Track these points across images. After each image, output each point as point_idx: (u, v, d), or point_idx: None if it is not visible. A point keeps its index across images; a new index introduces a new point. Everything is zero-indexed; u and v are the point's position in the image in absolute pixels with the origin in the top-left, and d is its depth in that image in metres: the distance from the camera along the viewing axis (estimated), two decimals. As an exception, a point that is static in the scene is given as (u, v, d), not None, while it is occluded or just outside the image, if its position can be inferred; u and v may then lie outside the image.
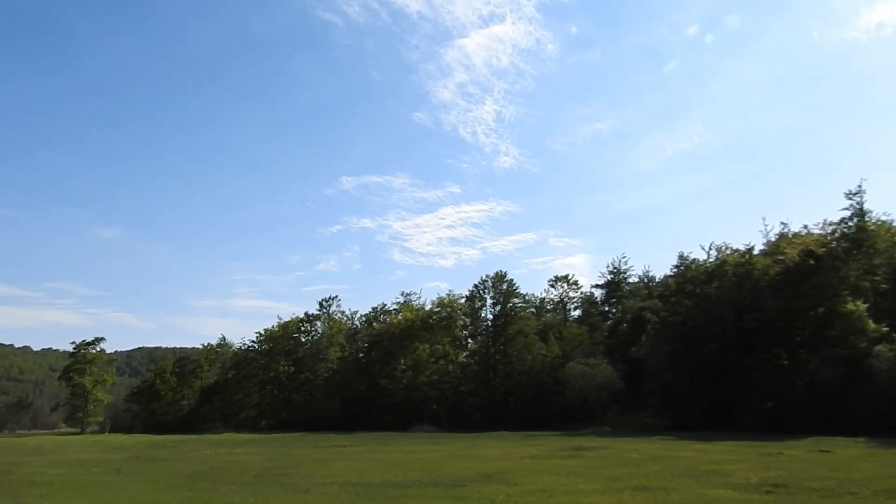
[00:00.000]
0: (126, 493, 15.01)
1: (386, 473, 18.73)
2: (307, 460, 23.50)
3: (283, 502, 12.56)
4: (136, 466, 22.50)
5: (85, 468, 22.53)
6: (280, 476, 18.82)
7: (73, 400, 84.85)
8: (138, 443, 42.59)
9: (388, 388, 75.33)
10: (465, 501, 12.04)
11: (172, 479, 18.63)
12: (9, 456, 29.72)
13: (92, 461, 26.33)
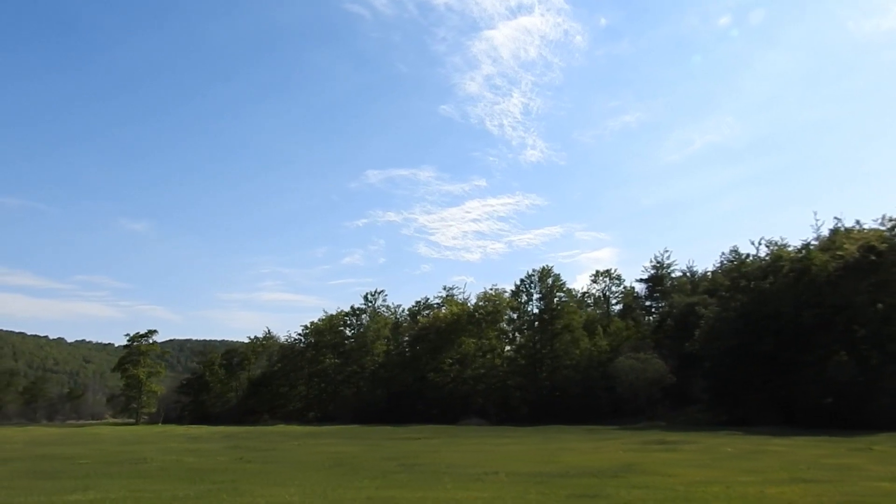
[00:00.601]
0: (310, 481, 15.91)
1: (522, 464, 19.47)
2: (417, 451, 24.50)
3: (470, 489, 13.42)
4: (258, 456, 23.69)
5: (207, 456, 23.80)
6: (423, 465, 19.59)
7: (128, 391, 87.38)
8: (212, 433, 44.10)
9: (435, 381, 76.54)
10: (651, 490, 12.86)
11: (324, 468, 19.38)
12: (109, 445, 31.19)
13: (199, 450, 27.66)
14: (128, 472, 18.57)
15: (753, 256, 63.62)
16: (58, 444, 30.69)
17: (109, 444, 31.90)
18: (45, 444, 31.39)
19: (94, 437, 35.84)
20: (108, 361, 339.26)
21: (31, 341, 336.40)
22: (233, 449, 28.28)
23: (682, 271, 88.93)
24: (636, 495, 12.31)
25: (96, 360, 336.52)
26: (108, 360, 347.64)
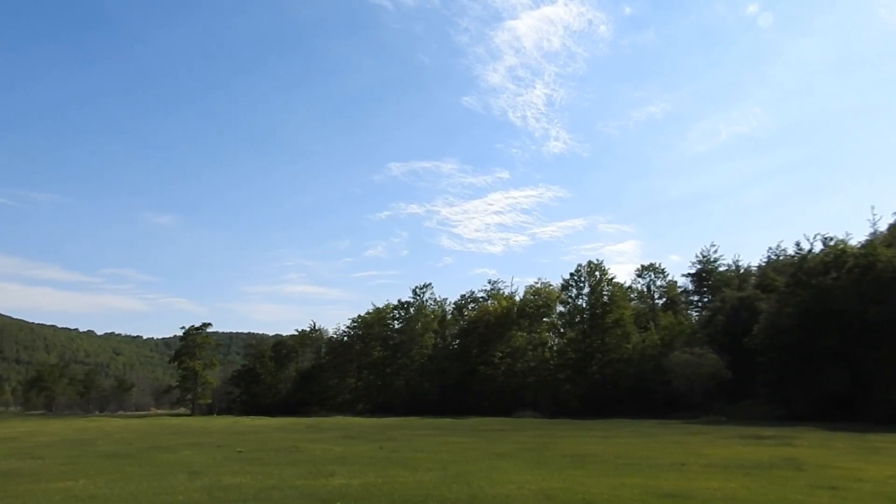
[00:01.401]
0: (502, 469, 16.76)
1: (682, 456, 19.81)
2: (547, 444, 25.33)
3: (669, 480, 14.35)
4: (401, 446, 24.75)
5: (348, 446, 24.93)
6: (591, 457, 19.99)
7: (184, 383, 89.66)
8: (294, 424, 45.44)
9: (486, 374, 77.74)
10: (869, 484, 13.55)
11: (484, 458, 20.12)
12: (233, 436, 32.33)
13: (323, 439, 28.84)
14: (305, 459, 19.77)
15: (807, 251, 63.93)
16: (188, 434, 32.09)
17: (231, 434, 33.21)
18: (184, 434, 32.70)
19: (203, 429, 37.12)
20: (136, 354, 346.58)
21: (62, 334, 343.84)
22: (344, 439, 29.31)
23: (728, 266, 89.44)
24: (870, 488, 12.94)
25: (125, 352, 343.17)
26: (137, 352, 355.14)
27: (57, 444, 27.09)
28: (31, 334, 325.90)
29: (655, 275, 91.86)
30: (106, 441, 28.72)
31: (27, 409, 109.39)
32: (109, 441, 28.76)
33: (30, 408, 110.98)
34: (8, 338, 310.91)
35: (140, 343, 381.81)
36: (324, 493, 12.43)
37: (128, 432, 35.09)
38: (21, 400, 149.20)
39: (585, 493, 11.83)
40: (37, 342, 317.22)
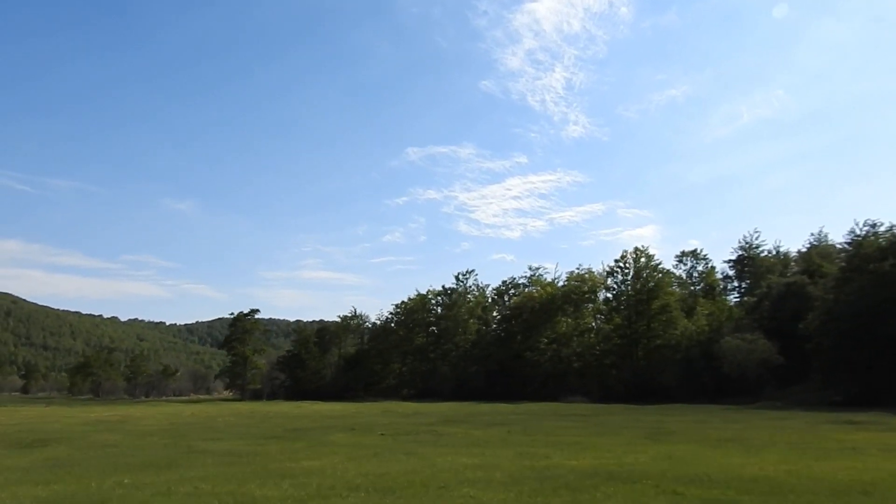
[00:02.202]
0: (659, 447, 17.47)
1: (821, 442, 20.32)
2: (678, 428, 25.84)
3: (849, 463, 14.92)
4: (523, 428, 25.59)
5: (463, 428, 25.90)
6: (743, 441, 20.70)
7: (234, 368, 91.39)
8: (380, 410, 46.32)
9: (532, 359, 78.70)
10: None
11: (642, 439, 20.91)
12: (329, 420, 33.12)
13: (432, 423, 29.54)
14: (479, 441, 20.56)
15: (862, 237, 64.15)
16: (301, 419, 33.02)
17: (339, 418, 34.03)
18: (295, 418, 33.33)
19: (304, 414, 37.83)
20: (160, 339, 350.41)
21: (87, 320, 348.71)
22: (464, 423, 29.40)
23: (769, 252, 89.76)
24: None
25: (149, 338, 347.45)
26: (161, 338, 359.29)
27: (195, 427, 28.10)
28: (58, 320, 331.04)
29: (696, 260, 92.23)
30: (234, 424, 29.64)
31: (73, 395, 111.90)
32: (239, 424, 29.70)
33: (75, 392, 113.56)
34: (35, 324, 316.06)
35: (163, 329, 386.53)
36: (589, 471, 13.14)
37: (232, 416, 36.09)
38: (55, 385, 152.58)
39: (858, 478, 12.05)
40: (63, 328, 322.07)
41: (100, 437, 23.02)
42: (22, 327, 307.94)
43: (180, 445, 19.74)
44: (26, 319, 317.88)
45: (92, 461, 16.05)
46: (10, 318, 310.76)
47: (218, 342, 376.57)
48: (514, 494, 10.36)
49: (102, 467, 14.59)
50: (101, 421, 34.24)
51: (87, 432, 25.93)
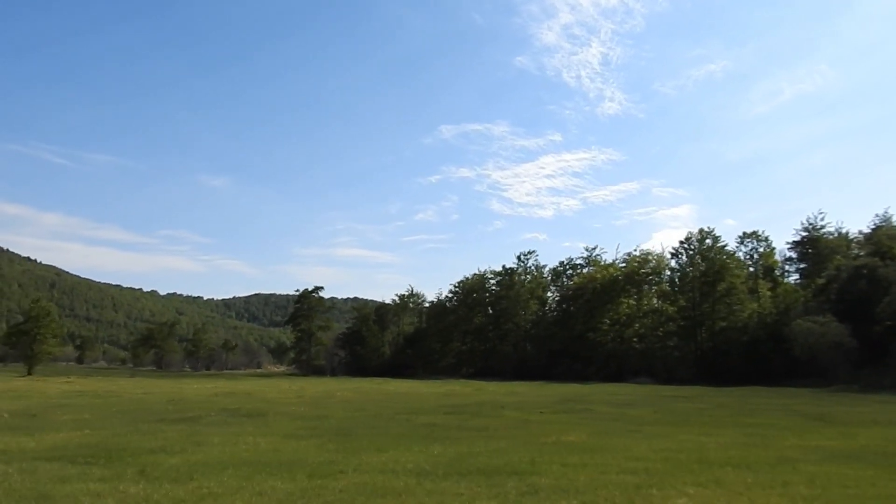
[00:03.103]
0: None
1: None
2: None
3: None
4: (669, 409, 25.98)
5: (614, 408, 26.23)
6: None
7: (299, 343, 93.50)
8: (466, 389, 46.95)
9: (595, 340, 79.23)
10: None
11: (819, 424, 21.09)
12: (454, 399, 33.76)
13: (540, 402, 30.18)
14: (635, 420, 21.08)
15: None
16: (430, 398, 33.81)
17: (459, 396, 34.75)
18: (426, 398, 33.62)
19: (419, 393, 38.21)
20: (199, 314, 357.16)
21: (128, 293, 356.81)
22: (604, 404, 29.46)
23: (831, 233, 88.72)
24: None
25: (188, 312, 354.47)
26: (199, 312, 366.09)
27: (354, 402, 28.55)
28: (100, 293, 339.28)
29: (758, 242, 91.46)
30: (382, 401, 29.74)
31: (135, 366, 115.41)
32: (389, 401, 29.91)
33: (137, 364, 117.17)
34: (78, 296, 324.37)
35: (201, 303, 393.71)
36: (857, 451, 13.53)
37: (352, 392, 36.65)
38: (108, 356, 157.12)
39: None
40: (105, 301, 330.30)
41: (306, 410, 23.46)
42: (66, 299, 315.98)
43: (400, 419, 20.04)
44: (70, 291, 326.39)
45: (373, 429, 16.95)
46: (55, 290, 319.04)
47: (255, 317, 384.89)
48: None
49: (408, 435, 15.42)
50: (249, 393, 35.07)
51: (285, 403, 26.36)
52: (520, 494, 8.64)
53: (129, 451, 12.39)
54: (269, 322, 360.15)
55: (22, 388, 38.21)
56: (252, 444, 13.61)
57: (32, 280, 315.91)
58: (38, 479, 9.31)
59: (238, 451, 12.66)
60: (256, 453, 12.34)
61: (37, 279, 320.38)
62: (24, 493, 8.48)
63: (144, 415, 20.91)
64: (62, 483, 9.08)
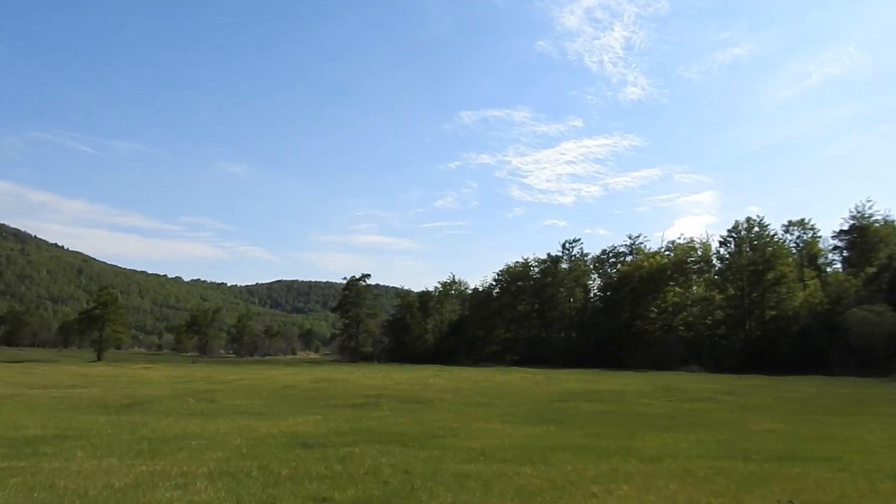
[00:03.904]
0: None
1: None
2: None
3: None
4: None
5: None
6: None
7: (348, 330, 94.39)
8: (560, 377, 47.06)
9: (643, 328, 79.39)
10: None
11: None
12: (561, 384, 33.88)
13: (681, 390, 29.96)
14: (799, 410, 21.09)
15: None
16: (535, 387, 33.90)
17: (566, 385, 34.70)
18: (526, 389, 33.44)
19: (499, 382, 37.95)
20: (223, 300, 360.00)
21: (154, 280, 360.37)
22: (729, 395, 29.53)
23: (879, 221, 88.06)
24: None
25: (212, 298, 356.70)
26: (223, 298, 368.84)
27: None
28: (126, 279, 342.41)
29: (803, 230, 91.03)
30: (510, 394, 29.47)
31: (178, 352, 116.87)
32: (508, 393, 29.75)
33: (180, 350, 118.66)
34: (105, 283, 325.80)
35: (225, 290, 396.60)
36: None
37: (451, 382, 36.14)
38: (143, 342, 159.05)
39: None
40: (131, 287, 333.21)
41: (456, 397, 23.76)
42: (93, 285, 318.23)
43: (570, 408, 20.33)
44: (97, 278, 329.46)
45: (572, 415, 17.33)
46: (82, 276, 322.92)
47: (277, 303, 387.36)
48: None
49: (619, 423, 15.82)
50: (363, 383, 34.55)
51: (417, 392, 26.56)
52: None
53: (411, 435, 12.91)
54: (291, 308, 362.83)
55: (128, 376, 38.47)
56: (501, 430, 13.99)
57: (60, 266, 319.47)
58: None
59: (508, 436, 13.12)
60: (534, 438, 12.85)
61: (64, 265, 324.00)
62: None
63: (340, 401, 21.21)
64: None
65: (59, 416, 15.92)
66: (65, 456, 10.03)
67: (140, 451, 10.80)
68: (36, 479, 8.32)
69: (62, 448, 10.78)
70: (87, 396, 21.71)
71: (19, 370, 42.18)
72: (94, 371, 43.11)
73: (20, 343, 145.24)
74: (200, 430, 13.19)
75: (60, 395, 22.45)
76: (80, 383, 29.88)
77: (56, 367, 48.12)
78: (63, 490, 7.69)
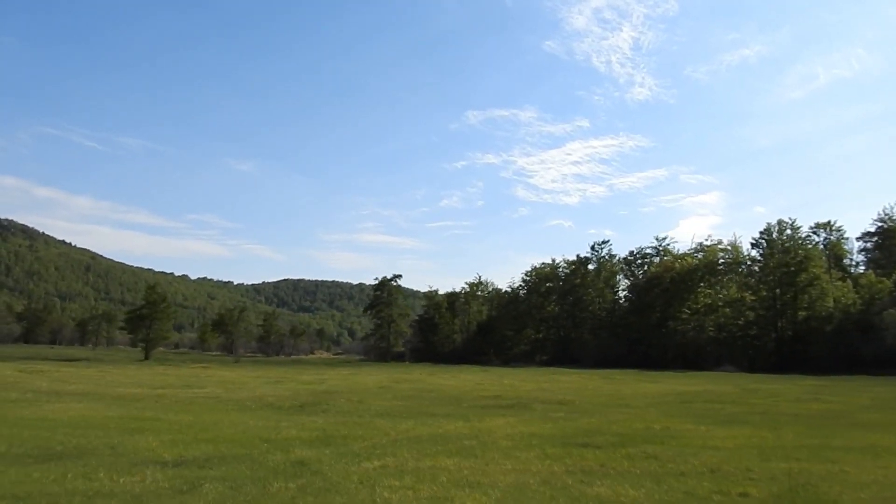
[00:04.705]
0: None
1: None
2: None
3: None
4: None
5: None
6: None
7: (379, 330, 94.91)
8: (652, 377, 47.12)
9: (675, 329, 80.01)
10: None
11: None
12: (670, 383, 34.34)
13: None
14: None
15: None
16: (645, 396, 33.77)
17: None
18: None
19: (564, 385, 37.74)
20: (230, 298, 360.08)
21: (160, 277, 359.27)
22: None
23: None
24: None
25: (219, 296, 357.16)
26: (230, 296, 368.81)
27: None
28: (133, 276, 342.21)
29: (829, 232, 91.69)
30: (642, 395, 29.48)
31: (203, 350, 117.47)
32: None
33: (205, 349, 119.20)
34: (113, 280, 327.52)
35: (231, 288, 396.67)
36: None
37: (551, 384, 35.46)
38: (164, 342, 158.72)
39: None
40: (139, 284, 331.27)
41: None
42: (101, 282, 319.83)
43: (716, 409, 20.69)
44: (104, 275, 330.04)
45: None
46: (90, 273, 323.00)
47: (284, 302, 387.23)
48: None
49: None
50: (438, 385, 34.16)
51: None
52: None
53: (656, 436, 13.44)
54: (297, 307, 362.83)
55: (218, 377, 37.43)
56: (711, 432, 14.26)
57: (68, 263, 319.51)
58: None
59: (732, 438, 13.37)
60: (754, 439, 13.17)
61: (72, 262, 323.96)
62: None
63: (483, 402, 21.61)
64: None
65: (270, 417, 16.24)
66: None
67: (461, 449, 11.19)
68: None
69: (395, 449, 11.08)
70: (233, 398, 21.95)
71: (99, 371, 41.93)
72: (181, 372, 42.42)
73: (38, 341, 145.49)
74: (428, 431, 13.65)
75: (206, 396, 22.86)
76: (192, 384, 30.13)
77: (118, 367, 48.15)
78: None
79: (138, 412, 16.88)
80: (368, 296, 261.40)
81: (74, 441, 11.33)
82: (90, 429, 13.15)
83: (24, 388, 23.93)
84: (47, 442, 11.25)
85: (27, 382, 27.55)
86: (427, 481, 8.37)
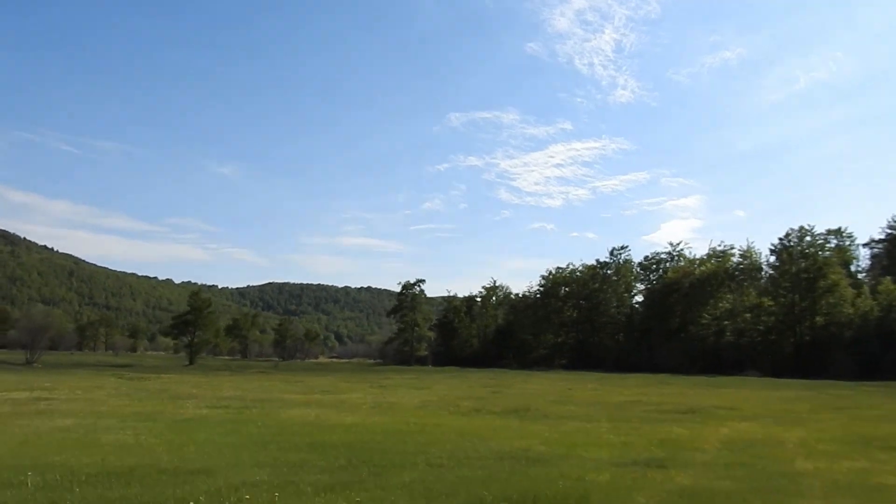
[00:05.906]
0: None
1: None
2: None
3: None
4: None
5: None
6: None
7: (402, 335, 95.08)
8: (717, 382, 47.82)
9: (696, 333, 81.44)
10: None
11: None
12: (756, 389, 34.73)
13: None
14: None
15: None
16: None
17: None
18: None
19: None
20: (215, 302, 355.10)
21: (145, 281, 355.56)
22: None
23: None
24: None
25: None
26: (215, 301, 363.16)
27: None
28: (118, 281, 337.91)
29: (839, 238, 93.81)
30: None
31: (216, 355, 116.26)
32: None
33: (217, 353, 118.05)
34: (97, 285, 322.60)
35: (216, 292, 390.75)
36: None
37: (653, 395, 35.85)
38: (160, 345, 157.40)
39: None
40: (123, 289, 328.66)
41: None
42: (85, 287, 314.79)
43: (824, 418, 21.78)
44: (88, 280, 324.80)
45: None
46: (73, 279, 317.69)
47: (269, 306, 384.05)
48: None
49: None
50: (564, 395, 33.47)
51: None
52: None
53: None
54: (283, 310, 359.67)
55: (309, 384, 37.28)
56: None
57: (51, 268, 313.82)
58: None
59: None
60: None
61: (55, 267, 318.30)
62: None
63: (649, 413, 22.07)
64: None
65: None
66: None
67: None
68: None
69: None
70: (429, 403, 22.46)
71: (244, 380, 40.68)
72: (317, 383, 40.58)
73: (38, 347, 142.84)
74: (689, 433, 14.38)
75: (415, 404, 23.42)
76: (338, 390, 30.45)
77: (220, 377, 46.78)
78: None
79: (431, 419, 17.60)
80: (354, 299, 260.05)
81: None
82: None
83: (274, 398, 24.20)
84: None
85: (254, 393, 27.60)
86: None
